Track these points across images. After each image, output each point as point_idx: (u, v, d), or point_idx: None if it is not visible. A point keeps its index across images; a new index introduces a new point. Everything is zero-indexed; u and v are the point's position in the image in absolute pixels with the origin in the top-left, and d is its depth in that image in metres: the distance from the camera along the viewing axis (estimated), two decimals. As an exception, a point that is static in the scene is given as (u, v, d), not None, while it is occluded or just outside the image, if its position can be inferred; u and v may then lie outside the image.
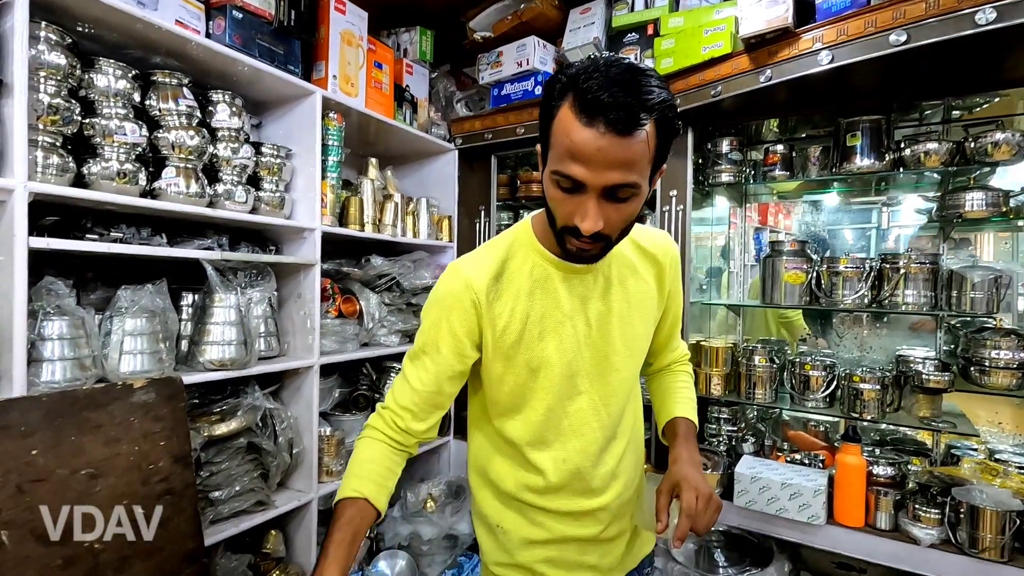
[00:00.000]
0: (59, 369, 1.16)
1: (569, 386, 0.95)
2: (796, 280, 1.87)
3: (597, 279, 0.96)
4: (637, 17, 1.90)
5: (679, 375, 1.13)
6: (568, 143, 0.74)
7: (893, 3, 1.32)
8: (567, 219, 0.80)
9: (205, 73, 1.55)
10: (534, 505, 0.99)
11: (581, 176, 0.74)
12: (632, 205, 0.79)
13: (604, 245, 0.84)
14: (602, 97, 0.71)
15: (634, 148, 0.73)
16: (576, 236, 0.80)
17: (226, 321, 1.49)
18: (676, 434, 1.00)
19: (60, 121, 1.20)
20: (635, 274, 1.00)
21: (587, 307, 0.94)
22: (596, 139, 0.72)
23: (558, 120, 0.76)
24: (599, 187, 0.75)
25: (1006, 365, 1.55)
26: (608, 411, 0.98)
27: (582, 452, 0.96)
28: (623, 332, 0.97)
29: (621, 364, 0.97)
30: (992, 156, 1.58)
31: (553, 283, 0.93)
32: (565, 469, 0.96)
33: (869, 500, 1.59)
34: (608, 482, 0.99)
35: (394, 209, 2.09)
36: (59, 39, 1.20)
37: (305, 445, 1.74)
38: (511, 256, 0.95)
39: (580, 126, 0.73)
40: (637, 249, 1.01)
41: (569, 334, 0.93)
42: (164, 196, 1.39)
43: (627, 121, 0.71)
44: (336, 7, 1.80)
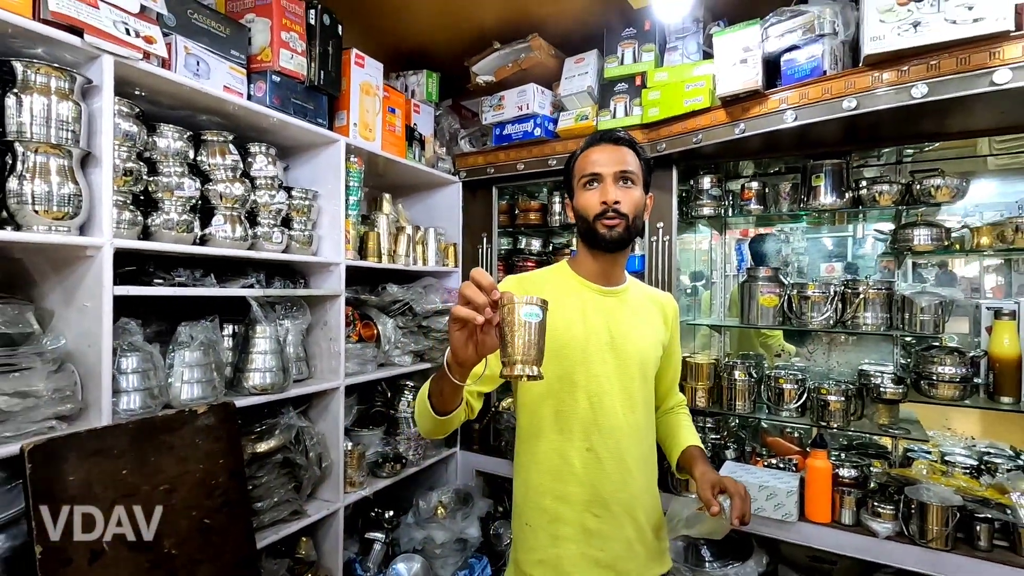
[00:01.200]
0: (135, 398, 1.33)
1: (595, 384, 1.16)
2: (770, 303, 2.10)
3: (619, 303, 1.23)
4: (626, 70, 2.13)
5: (682, 416, 1.39)
6: (587, 161, 1.19)
7: (844, 75, 1.55)
8: (596, 205, 1.15)
9: (245, 128, 1.73)
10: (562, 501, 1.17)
11: (599, 169, 1.16)
12: (636, 191, 1.17)
13: (626, 224, 1.15)
14: (598, 135, 1.23)
15: (625, 154, 1.18)
16: (604, 216, 1.14)
17: (267, 350, 1.67)
18: (694, 456, 1.24)
19: (131, 181, 1.38)
20: (646, 309, 1.28)
21: (610, 323, 1.20)
22: (602, 149, 1.19)
23: (576, 164, 1.23)
24: (611, 173, 1.15)
25: (950, 379, 1.79)
26: (632, 416, 1.18)
27: (608, 449, 1.16)
28: (638, 348, 1.21)
29: (636, 375, 1.20)
30: (935, 197, 1.82)
31: (584, 299, 1.21)
32: (591, 461, 1.15)
33: (835, 499, 1.81)
34: (628, 483, 1.17)
35: (406, 240, 2.28)
36: (129, 110, 1.38)
37: (332, 459, 1.91)
38: (555, 276, 1.27)
39: (590, 150, 1.20)
40: (648, 297, 1.31)
41: (593, 340, 1.18)
42: (213, 241, 1.57)
43: (616, 139, 1.20)
44: (356, 62, 2.00)
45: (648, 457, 1.24)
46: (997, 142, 1.95)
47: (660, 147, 2.05)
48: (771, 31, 1.68)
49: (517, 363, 0.84)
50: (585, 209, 1.17)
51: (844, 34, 1.58)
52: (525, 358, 0.84)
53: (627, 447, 1.17)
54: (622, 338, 1.19)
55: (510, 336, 0.84)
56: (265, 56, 1.67)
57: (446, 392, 0.97)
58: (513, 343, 0.84)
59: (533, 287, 1.21)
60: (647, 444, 1.24)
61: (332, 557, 1.92)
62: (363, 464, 2.06)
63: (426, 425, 1.06)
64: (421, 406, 1.05)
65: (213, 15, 1.55)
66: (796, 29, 1.63)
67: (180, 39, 1.45)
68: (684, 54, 2.04)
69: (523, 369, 0.84)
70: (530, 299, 0.85)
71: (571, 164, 1.25)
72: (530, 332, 0.84)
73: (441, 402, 1.00)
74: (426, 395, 1.03)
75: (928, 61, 1.42)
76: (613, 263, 1.22)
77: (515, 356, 0.84)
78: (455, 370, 0.92)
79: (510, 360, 0.85)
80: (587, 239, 1.19)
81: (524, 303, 0.84)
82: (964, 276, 2.85)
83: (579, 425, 1.15)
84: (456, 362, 0.90)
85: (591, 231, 1.16)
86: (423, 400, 1.04)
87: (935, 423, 2.18)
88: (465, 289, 0.83)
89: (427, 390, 1.04)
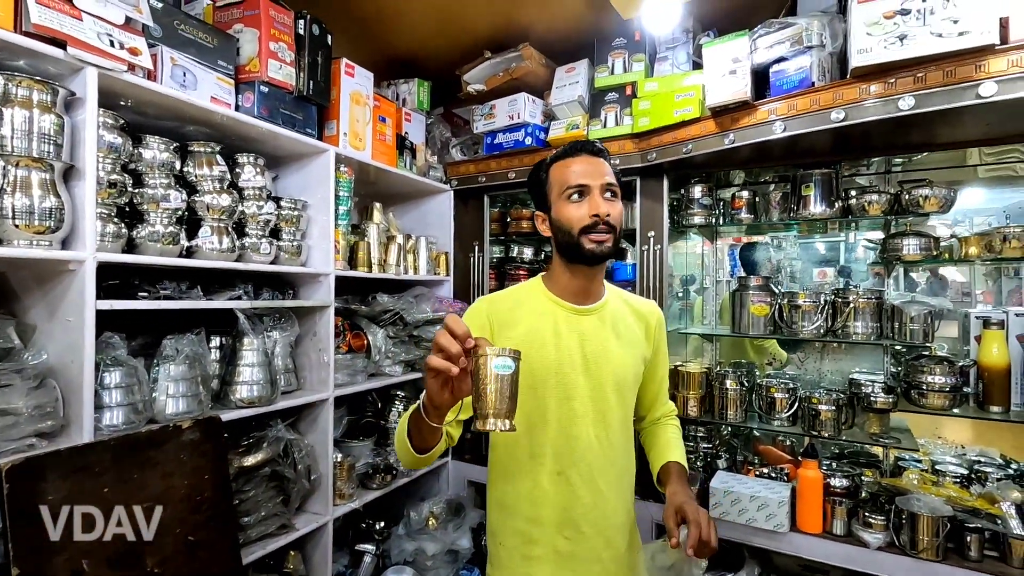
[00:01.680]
0: (118, 414, 1.32)
1: (567, 407, 1.14)
2: (761, 312, 2.10)
3: (594, 322, 1.19)
4: (617, 79, 2.13)
5: (668, 427, 1.35)
6: (568, 172, 1.14)
7: (832, 87, 1.56)
8: (583, 219, 1.11)
9: (232, 138, 1.72)
10: (533, 524, 1.15)
11: (587, 180, 1.12)
12: (619, 204, 1.15)
13: (614, 239, 1.12)
14: (577, 145, 1.18)
15: (607, 165, 1.16)
16: (592, 231, 1.10)
17: (254, 363, 1.65)
18: (671, 474, 1.21)
19: (116, 194, 1.36)
20: (626, 324, 1.24)
21: (584, 344, 1.17)
22: (584, 160, 1.15)
23: (552, 174, 1.18)
24: (598, 185, 1.12)
25: (940, 388, 1.79)
26: (605, 438, 1.17)
27: (579, 472, 1.15)
28: (614, 368, 1.18)
29: (612, 397, 1.18)
30: (923, 207, 1.83)
31: (557, 320, 1.18)
32: (562, 484, 1.14)
33: (826, 509, 1.81)
34: (599, 503, 1.16)
35: (397, 250, 2.27)
36: (114, 122, 1.37)
37: (321, 471, 1.90)
38: (528, 296, 1.22)
39: (570, 160, 1.16)
40: (629, 307, 1.27)
41: (566, 362, 1.15)
42: (200, 252, 1.56)
43: (599, 150, 1.17)
44: (346, 72, 1.99)
45: (623, 476, 1.22)
46: (986, 151, 1.96)
47: (651, 157, 2.05)
48: (760, 42, 1.69)
49: (488, 416, 0.85)
50: (570, 222, 1.12)
51: (832, 46, 1.59)
52: (496, 411, 0.85)
53: (599, 469, 1.16)
54: (597, 360, 1.16)
55: (482, 388, 0.85)
56: (253, 67, 1.66)
57: (424, 431, 0.97)
58: (485, 396, 0.85)
59: (504, 307, 1.18)
60: (622, 464, 1.21)
61: (321, 570, 1.90)
62: (353, 476, 2.04)
63: (407, 460, 1.05)
64: (400, 442, 1.05)
65: (200, 26, 1.54)
66: (784, 41, 1.63)
67: (166, 50, 1.44)
68: (674, 64, 2.05)
69: (494, 424, 0.85)
70: (502, 351, 0.86)
71: (543, 175, 1.19)
72: (502, 385, 0.85)
73: (420, 440, 1.00)
74: (405, 432, 1.02)
75: (915, 74, 1.43)
76: (592, 278, 1.19)
77: (486, 409, 0.85)
78: (432, 413, 0.92)
79: (481, 413, 0.86)
80: (568, 254, 1.15)
81: (495, 355, 0.85)
82: (955, 280, 2.87)
83: (550, 450, 1.14)
84: (432, 406, 0.91)
85: (575, 245, 1.12)
86: (402, 437, 1.03)
87: (926, 430, 2.18)
88: (439, 338, 0.84)
89: (405, 427, 1.03)
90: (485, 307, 1.19)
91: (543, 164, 1.21)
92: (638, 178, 2.16)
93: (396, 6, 2.11)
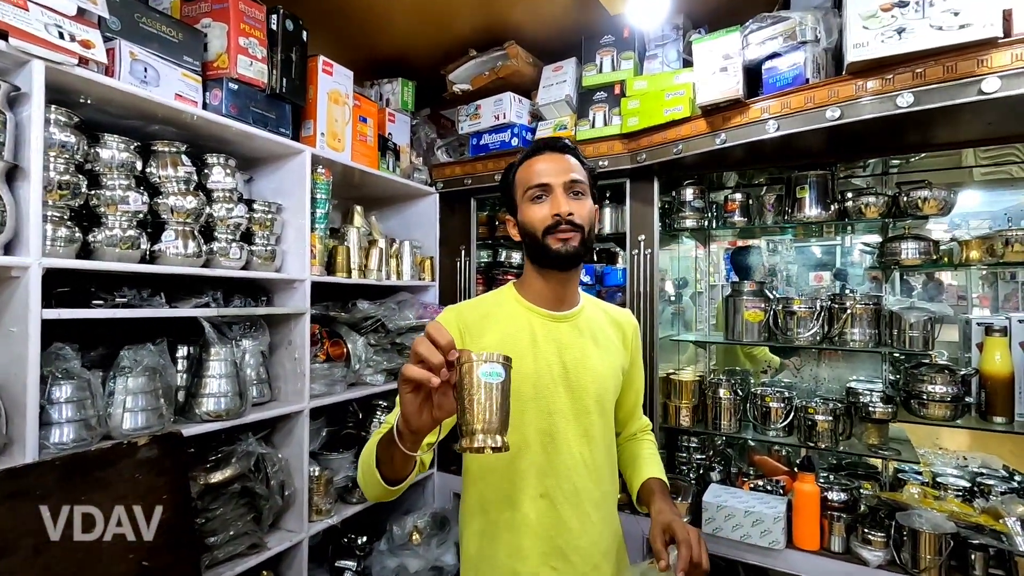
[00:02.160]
0: (67, 431, 1.23)
1: (548, 423, 1.06)
2: (755, 318, 2.03)
3: (571, 329, 1.11)
4: (605, 78, 2.06)
5: (644, 443, 1.28)
6: (531, 171, 1.09)
7: (827, 84, 1.49)
8: (546, 219, 1.05)
9: (201, 138, 1.64)
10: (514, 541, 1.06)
11: (547, 179, 1.06)
12: (587, 202, 1.09)
13: (581, 237, 1.06)
14: (540, 143, 1.14)
15: (571, 161, 1.10)
16: (556, 230, 1.04)
17: (221, 374, 1.56)
18: (654, 491, 1.13)
19: (68, 195, 1.28)
20: (604, 332, 1.17)
21: (563, 352, 1.09)
22: (546, 158, 1.09)
23: (518, 176, 1.13)
24: (560, 183, 1.06)
25: (941, 398, 1.72)
26: (589, 455, 1.09)
27: (564, 494, 1.06)
28: (594, 378, 1.10)
29: (593, 408, 1.10)
30: (922, 210, 1.76)
31: (532, 327, 1.09)
32: (546, 509, 1.06)
33: (824, 525, 1.73)
34: (587, 528, 1.08)
35: (379, 255, 2.19)
36: (68, 120, 1.29)
37: (296, 486, 1.81)
38: (499, 304, 1.13)
39: (534, 159, 1.10)
40: (606, 315, 1.19)
41: (545, 372, 1.07)
42: (163, 258, 1.48)
43: (560, 147, 1.12)
44: (324, 69, 1.91)
45: (608, 496, 1.14)
46: (982, 152, 1.90)
47: (640, 158, 1.98)
48: (751, 38, 1.62)
49: (477, 433, 0.74)
50: (533, 223, 1.06)
51: (827, 41, 1.52)
52: (487, 427, 0.74)
53: (585, 489, 1.07)
54: (577, 369, 1.09)
55: (468, 401, 0.74)
56: (222, 63, 1.58)
57: (397, 460, 0.86)
58: (471, 409, 0.74)
59: (474, 317, 1.10)
60: (607, 483, 1.14)
61: (296, 591, 1.81)
62: (331, 490, 1.95)
63: (374, 492, 0.94)
64: (367, 473, 0.93)
65: (164, 19, 1.46)
66: (777, 36, 1.57)
67: (125, 44, 1.36)
68: (664, 62, 1.98)
69: (484, 440, 0.74)
70: (490, 356, 0.75)
71: (511, 177, 1.15)
72: (491, 395, 0.74)
73: (391, 470, 0.89)
74: (372, 462, 0.91)
75: (913, 69, 1.36)
76: (566, 283, 1.12)
77: (474, 425, 0.74)
78: (407, 438, 0.80)
79: (468, 429, 0.74)
80: (536, 257, 1.09)
81: (483, 361, 0.74)
82: (951, 284, 2.80)
83: (531, 468, 1.05)
84: (409, 430, 0.78)
85: (541, 247, 1.06)
86: (369, 467, 0.92)
87: (925, 439, 2.11)
88: (418, 347, 0.73)
89: (373, 456, 0.91)
90: (453, 317, 1.10)
91: (512, 167, 1.16)
92: (628, 180, 2.09)
93: (377, 3, 2.03)
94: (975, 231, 1.95)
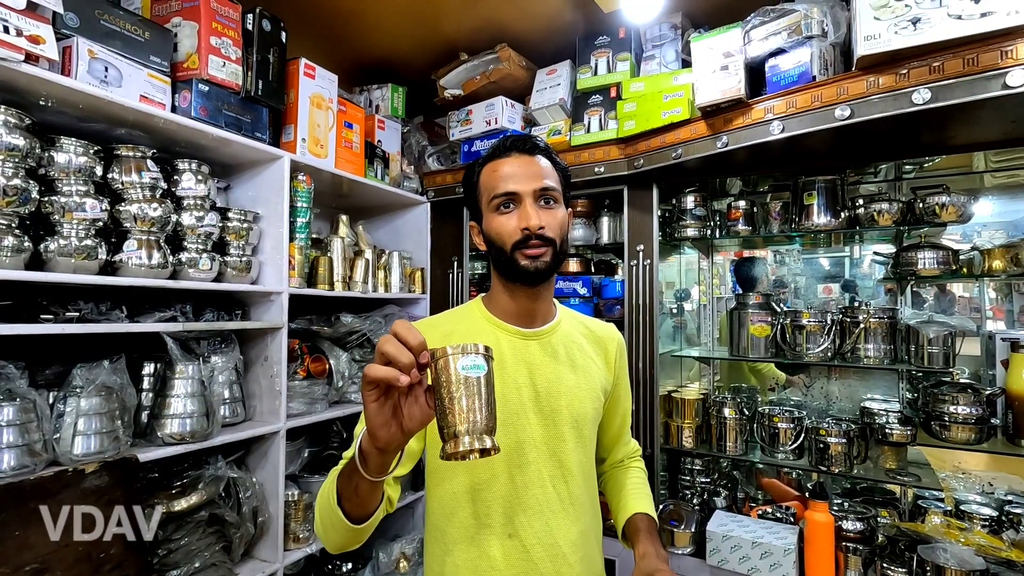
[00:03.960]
0: (6, 457, 1.12)
1: (517, 453, 0.94)
2: (761, 333, 1.91)
3: (544, 348, 1.00)
4: (600, 80, 1.97)
5: (632, 471, 1.14)
6: (496, 176, 0.95)
7: (836, 81, 1.38)
8: (514, 232, 0.93)
9: (171, 142, 1.55)
10: None
11: (515, 187, 0.93)
12: (559, 211, 0.97)
13: (553, 252, 0.94)
14: (507, 142, 0.98)
15: (542, 164, 0.96)
16: (525, 245, 0.92)
17: (187, 393, 1.46)
18: (639, 530, 1.00)
19: (16, 202, 1.19)
20: (582, 351, 1.04)
21: (534, 374, 0.97)
22: (514, 161, 0.95)
23: (481, 178, 0.99)
24: (530, 192, 0.93)
25: (964, 420, 1.59)
26: (565, 489, 0.97)
27: (536, 534, 0.94)
28: (570, 402, 0.98)
29: (569, 435, 0.98)
30: (940, 217, 1.64)
31: (500, 345, 0.98)
32: (516, 550, 0.94)
33: (839, 558, 1.60)
34: (562, 572, 0.95)
35: (364, 266, 2.09)
36: (18, 121, 1.20)
37: (271, 512, 1.69)
38: (463, 320, 1.02)
39: (499, 162, 0.96)
40: (586, 330, 1.07)
41: (513, 397, 0.95)
42: (124, 269, 1.38)
43: (530, 147, 0.97)
44: (306, 73, 1.83)
45: (588, 536, 1.01)
46: (993, 157, 1.78)
47: (638, 163, 1.88)
48: (754, 34, 1.52)
49: (462, 436, 0.64)
50: (500, 237, 0.93)
51: (834, 35, 1.42)
52: (472, 427, 0.64)
53: (559, 528, 0.95)
54: (550, 392, 0.97)
55: (447, 400, 0.65)
56: (192, 63, 1.50)
57: (363, 491, 0.74)
58: (452, 409, 0.64)
59: (437, 334, 0.99)
60: (586, 519, 1.00)
61: (269, 626, 1.69)
62: (310, 516, 1.83)
63: (336, 539, 0.82)
64: (327, 514, 0.80)
65: (128, 17, 1.38)
66: (781, 31, 1.47)
67: (83, 41, 1.28)
68: (662, 63, 1.88)
69: (471, 443, 0.64)
70: (467, 347, 0.65)
71: (474, 178, 1.00)
72: (473, 391, 0.65)
73: (358, 505, 0.77)
74: (333, 500, 0.78)
75: (930, 63, 1.25)
76: (536, 298, 1.00)
77: (458, 426, 0.64)
78: (373, 460, 0.69)
79: (451, 432, 0.64)
80: (505, 272, 0.96)
81: (461, 354, 0.65)
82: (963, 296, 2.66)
83: (498, 504, 0.93)
84: (376, 447, 0.67)
85: (509, 263, 0.93)
86: (329, 506, 0.79)
87: (946, 462, 1.96)
88: (384, 346, 0.63)
89: (333, 492, 0.78)
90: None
91: (474, 166, 1.02)
92: (626, 187, 1.99)
93: (364, 5, 1.96)
94: (990, 241, 1.82)
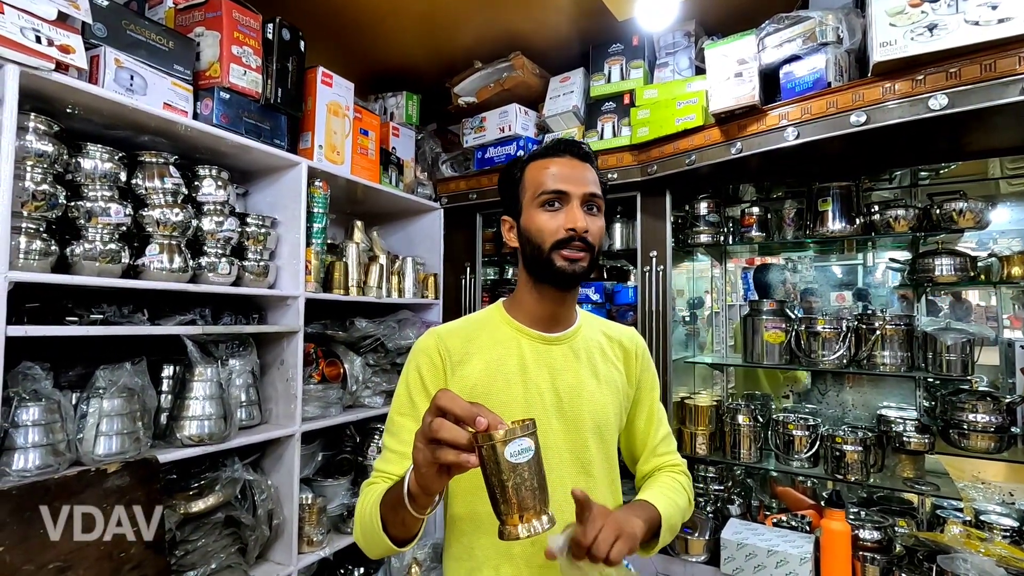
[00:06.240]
0: (32, 456, 1.14)
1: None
2: (776, 339, 1.90)
3: (566, 353, 1.00)
4: (614, 88, 1.98)
5: (664, 475, 1.07)
6: (547, 174, 0.95)
7: (851, 87, 1.38)
8: (557, 232, 0.93)
9: (192, 149, 1.58)
10: None
11: (566, 187, 0.94)
12: (601, 219, 0.98)
13: (591, 258, 0.95)
14: (560, 144, 0.99)
15: (593, 173, 0.98)
16: (566, 246, 0.92)
17: (205, 396, 1.48)
18: (630, 503, 0.96)
19: (45, 207, 1.22)
20: (603, 355, 1.04)
21: (556, 379, 0.97)
22: (569, 163, 0.96)
23: (528, 174, 0.99)
24: (580, 195, 0.94)
25: (983, 428, 1.57)
26: (588, 478, 0.96)
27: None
28: (593, 408, 0.98)
29: (592, 442, 0.98)
30: (957, 223, 1.63)
31: (522, 351, 0.98)
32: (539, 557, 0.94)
33: (856, 568, 1.58)
34: None
35: (379, 271, 2.11)
36: (47, 128, 1.23)
37: (285, 515, 1.70)
38: (484, 326, 1.02)
39: (551, 160, 0.97)
40: (605, 336, 1.07)
41: (536, 401, 0.95)
42: (146, 273, 1.41)
43: (583, 154, 0.98)
44: (323, 81, 1.86)
45: None
46: (1009, 164, 1.76)
47: (651, 169, 1.89)
48: (768, 41, 1.53)
49: (518, 525, 0.65)
50: (541, 233, 0.94)
51: (850, 42, 1.43)
52: (525, 512, 0.66)
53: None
54: (572, 397, 0.96)
55: (497, 488, 0.65)
56: (214, 72, 1.54)
57: (409, 522, 0.78)
58: (503, 496, 0.65)
59: (457, 341, 0.98)
60: None
61: (283, 629, 1.69)
62: (323, 519, 1.84)
63: (378, 549, 0.85)
64: (371, 531, 0.84)
65: (153, 27, 1.42)
66: (796, 38, 1.47)
67: (110, 51, 1.31)
68: (675, 70, 1.89)
69: (528, 529, 0.65)
70: (512, 432, 0.65)
71: (518, 173, 1.00)
72: (523, 477, 0.65)
73: (403, 531, 0.81)
74: (378, 523, 0.83)
75: (947, 69, 1.25)
76: (563, 302, 1.00)
77: (513, 515, 0.66)
78: (421, 500, 0.73)
79: (509, 519, 0.66)
80: (537, 271, 0.97)
81: (506, 441, 0.64)
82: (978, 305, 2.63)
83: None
84: (425, 494, 0.72)
85: (544, 261, 0.94)
86: (374, 528, 0.83)
87: (963, 470, 1.94)
88: (440, 432, 0.65)
89: (377, 518, 0.83)
90: (434, 343, 0.98)
91: (518, 161, 1.02)
92: (639, 193, 1.99)
93: (379, 15, 1.99)
94: (1008, 247, 1.81)
